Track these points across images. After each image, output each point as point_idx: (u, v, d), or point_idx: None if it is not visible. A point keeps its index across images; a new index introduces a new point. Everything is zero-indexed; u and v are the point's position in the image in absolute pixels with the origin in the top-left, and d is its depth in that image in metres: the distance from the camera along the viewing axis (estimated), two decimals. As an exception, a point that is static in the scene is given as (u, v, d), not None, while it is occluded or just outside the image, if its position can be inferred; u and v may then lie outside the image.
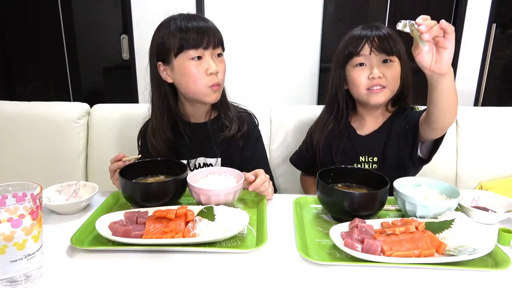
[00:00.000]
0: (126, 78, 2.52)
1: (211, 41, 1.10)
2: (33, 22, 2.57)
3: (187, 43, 1.08)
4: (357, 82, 1.17)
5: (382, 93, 1.16)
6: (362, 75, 1.16)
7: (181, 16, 1.12)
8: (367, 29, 1.17)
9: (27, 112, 1.60)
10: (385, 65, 1.15)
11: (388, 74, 1.15)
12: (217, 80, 1.12)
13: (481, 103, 2.53)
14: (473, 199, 1.03)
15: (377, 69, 1.14)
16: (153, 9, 2.37)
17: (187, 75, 1.11)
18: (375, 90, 1.16)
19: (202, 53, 1.10)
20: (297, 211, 0.98)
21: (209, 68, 1.10)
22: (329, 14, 2.41)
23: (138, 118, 1.52)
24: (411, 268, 0.75)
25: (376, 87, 1.15)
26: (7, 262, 0.67)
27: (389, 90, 1.17)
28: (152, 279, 0.73)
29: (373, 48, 1.14)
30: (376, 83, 1.15)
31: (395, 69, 1.16)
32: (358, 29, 1.19)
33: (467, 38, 2.40)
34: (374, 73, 1.14)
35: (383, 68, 1.15)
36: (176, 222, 0.85)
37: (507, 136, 1.57)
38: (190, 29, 1.08)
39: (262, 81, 2.50)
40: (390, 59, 1.15)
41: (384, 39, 1.14)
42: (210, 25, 1.13)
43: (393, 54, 1.15)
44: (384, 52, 1.14)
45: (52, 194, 1.05)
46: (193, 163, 1.25)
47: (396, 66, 1.16)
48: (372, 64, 1.15)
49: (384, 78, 1.15)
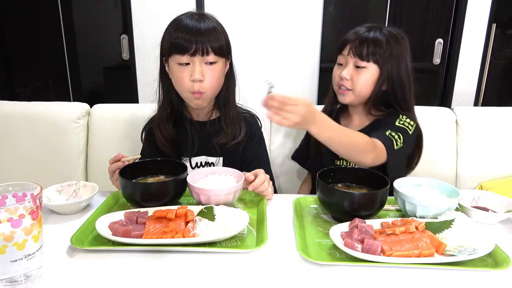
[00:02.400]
0: (126, 78, 2.52)
1: (199, 48, 1.07)
2: (33, 22, 2.57)
3: (175, 48, 1.09)
4: (333, 79, 1.24)
5: (347, 95, 1.21)
6: (337, 72, 1.22)
7: (188, 15, 1.11)
8: (364, 29, 1.19)
9: (27, 112, 1.60)
10: (356, 70, 1.18)
11: (356, 78, 1.17)
12: (199, 88, 1.11)
13: (481, 103, 2.53)
14: (473, 199, 1.03)
15: (347, 71, 1.18)
16: (153, 9, 2.37)
17: (174, 78, 1.14)
18: (341, 91, 1.21)
19: (189, 59, 1.09)
20: (297, 211, 0.98)
21: (192, 75, 1.09)
22: (329, 14, 2.40)
23: (138, 118, 1.52)
24: (411, 268, 0.75)
25: (342, 87, 1.20)
26: (7, 262, 0.67)
27: (354, 94, 1.20)
28: (152, 279, 0.73)
29: (351, 51, 1.17)
30: (342, 83, 1.19)
31: (365, 76, 1.17)
32: (360, 27, 1.20)
33: (467, 38, 2.40)
34: (342, 74, 1.19)
35: (354, 71, 1.18)
36: (176, 222, 0.85)
37: (507, 136, 1.57)
38: (184, 32, 1.07)
39: (262, 81, 2.50)
40: (363, 65, 1.16)
41: (366, 43, 1.15)
42: (210, 30, 1.09)
43: (368, 60, 1.16)
44: (359, 56, 1.16)
45: (52, 194, 1.05)
46: (195, 161, 1.25)
47: (368, 73, 1.17)
48: (347, 65, 1.19)
49: (350, 81, 1.18)
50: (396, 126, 1.15)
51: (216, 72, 1.13)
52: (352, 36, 1.19)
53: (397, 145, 1.10)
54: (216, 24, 1.13)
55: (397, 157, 1.11)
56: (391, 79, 1.18)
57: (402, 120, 1.18)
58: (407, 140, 1.14)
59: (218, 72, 1.14)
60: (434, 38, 2.47)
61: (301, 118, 0.89)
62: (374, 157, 1.04)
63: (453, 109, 1.63)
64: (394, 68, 1.17)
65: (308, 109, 0.90)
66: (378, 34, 1.16)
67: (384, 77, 1.17)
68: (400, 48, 1.18)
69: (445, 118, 1.60)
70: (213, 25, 1.11)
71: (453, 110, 1.63)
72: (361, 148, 1.01)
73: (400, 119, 1.18)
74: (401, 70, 1.18)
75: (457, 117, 1.60)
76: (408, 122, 1.18)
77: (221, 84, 1.18)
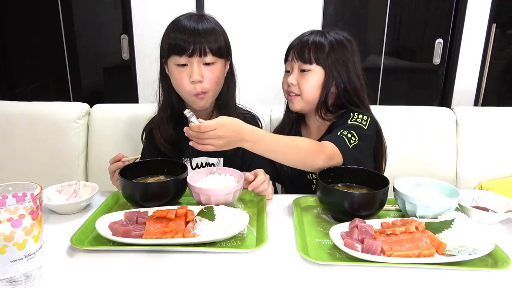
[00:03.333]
0: (126, 78, 2.52)
1: (196, 49, 1.07)
2: (33, 22, 2.57)
3: (173, 50, 1.08)
4: (283, 87, 1.23)
5: (296, 100, 1.20)
6: (284, 80, 1.22)
7: (187, 16, 1.11)
8: (307, 33, 1.20)
9: (27, 112, 1.60)
10: (302, 74, 1.17)
11: (302, 82, 1.17)
12: (201, 89, 1.11)
13: (481, 103, 2.54)
14: (473, 199, 1.03)
15: (292, 76, 1.18)
16: (153, 9, 2.37)
17: (174, 79, 1.13)
18: (290, 97, 1.21)
19: (187, 60, 1.08)
20: (297, 211, 0.98)
21: (191, 76, 1.09)
22: (329, 14, 2.41)
23: (138, 118, 1.52)
24: (411, 268, 0.75)
25: (291, 93, 1.20)
26: (7, 262, 0.67)
27: (303, 98, 1.19)
28: (152, 279, 0.73)
29: (294, 56, 1.17)
30: (290, 90, 1.19)
31: (311, 79, 1.16)
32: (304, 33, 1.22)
33: (467, 38, 2.40)
34: (288, 80, 1.18)
35: (300, 76, 1.18)
36: (176, 222, 0.85)
37: (507, 136, 1.58)
38: (182, 33, 1.07)
39: (262, 81, 2.50)
40: (308, 68, 1.16)
41: (307, 47, 1.15)
42: (209, 30, 1.09)
43: (312, 63, 1.15)
44: (302, 60, 1.16)
45: (52, 194, 1.05)
46: (195, 162, 1.25)
47: (314, 76, 1.16)
48: (292, 71, 1.19)
49: (297, 86, 1.18)
50: (348, 125, 1.13)
51: (215, 73, 1.12)
52: (295, 42, 1.20)
53: (350, 143, 1.07)
54: (215, 25, 1.12)
55: (355, 155, 1.07)
56: (340, 82, 1.17)
57: (354, 118, 1.16)
58: (362, 136, 1.11)
59: (217, 73, 1.13)
60: (434, 38, 2.48)
61: (225, 140, 0.89)
62: (326, 159, 1.00)
63: (453, 109, 1.63)
64: (342, 72, 1.16)
65: (228, 128, 0.89)
66: (320, 37, 1.16)
67: (331, 80, 1.16)
68: (346, 52, 1.17)
69: (445, 118, 1.60)
70: (212, 26, 1.10)
71: (453, 110, 1.63)
72: (308, 153, 0.99)
73: (352, 117, 1.16)
74: (350, 73, 1.17)
75: (457, 117, 1.60)
76: (361, 118, 1.16)
77: (221, 84, 1.18)
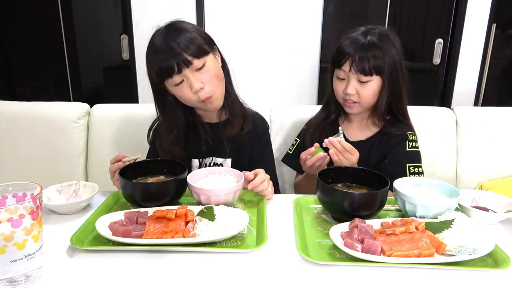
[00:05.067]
0: (126, 78, 2.52)
1: (180, 62, 1.04)
2: (33, 22, 2.57)
3: (162, 74, 1.08)
4: (336, 93, 1.25)
5: (354, 107, 1.23)
6: (340, 87, 1.23)
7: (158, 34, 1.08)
8: (360, 36, 1.17)
9: (27, 112, 1.60)
10: (361, 84, 1.18)
11: (362, 92, 1.19)
12: (205, 95, 1.10)
13: (481, 103, 2.53)
14: (473, 199, 1.03)
15: (351, 87, 1.19)
16: (153, 9, 2.37)
17: (179, 97, 1.14)
18: (347, 104, 1.23)
19: (181, 76, 1.07)
20: (297, 211, 0.98)
21: (192, 88, 1.08)
22: (329, 14, 2.41)
23: (138, 118, 1.52)
24: (411, 268, 0.75)
25: (348, 101, 1.22)
26: (7, 262, 0.67)
27: (361, 105, 1.22)
28: (152, 279, 0.73)
29: (353, 68, 1.16)
30: (348, 98, 1.21)
31: (371, 88, 1.19)
32: (355, 33, 1.20)
33: (467, 38, 2.40)
34: (347, 90, 1.19)
35: (359, 86, 1.19)
36: (176, 222, 0.85)
37: (507, 136, 1.57)
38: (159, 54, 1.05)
39: (262, 81, 2.50)
40: (367, 79, 1.17)
41: (366, 58, 1.14)
42: (181, 39, 1.05)
43: (372, 74, 1.16)
44: (362, 73, 1.16)
45: (52, 194, 1.05)
46: (204, 163, 1.26)
47: (373, 85, 1.18)
48: (349, 80, 1.19)
49: (357, 95, 1.20)
50: (411, 156, 1.24)
51: (211, 72, 1.10)
52: (350, 49, 1.16)
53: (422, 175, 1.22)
54: (185, 28, 1.09)
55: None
56: (387, 86, 1.19)
57: (411, 144, 1.25)
58: (420, 159, 1.25)
59: (213, 69, 1.11)
60: (434, 38, 2.48)
61: (352, 164, 1.12)
62: None
63: (453, 109, 1.63)
64: (396, 74, 1.19)
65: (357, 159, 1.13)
66: (374, 39, 1.15)
67: (388, 85, 1.19)
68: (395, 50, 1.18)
69: (445, 118, 1.60)
70: (182, 32, 1.06)
71: (453, 110, 1.63)
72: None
73: (409, 144, 1.25)
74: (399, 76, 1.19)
75: (457, 117, 1.60)
76: (415, 139, 1.26)
77: (223, 76, 1.17)
